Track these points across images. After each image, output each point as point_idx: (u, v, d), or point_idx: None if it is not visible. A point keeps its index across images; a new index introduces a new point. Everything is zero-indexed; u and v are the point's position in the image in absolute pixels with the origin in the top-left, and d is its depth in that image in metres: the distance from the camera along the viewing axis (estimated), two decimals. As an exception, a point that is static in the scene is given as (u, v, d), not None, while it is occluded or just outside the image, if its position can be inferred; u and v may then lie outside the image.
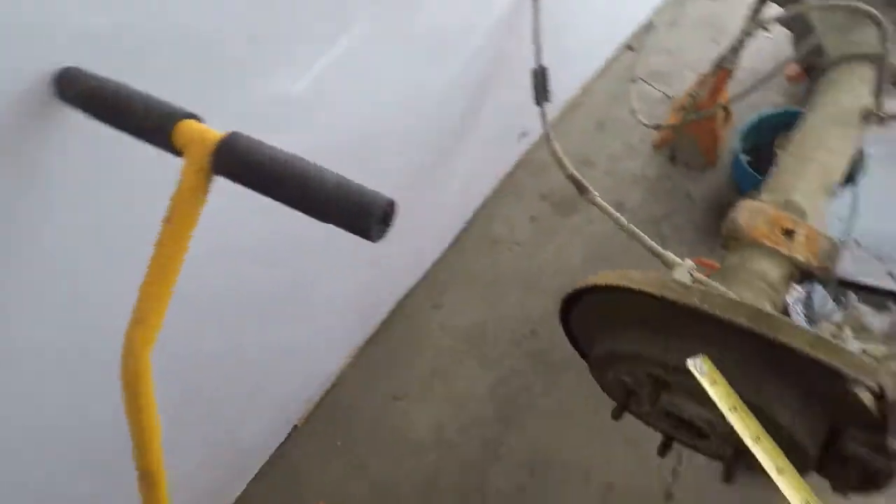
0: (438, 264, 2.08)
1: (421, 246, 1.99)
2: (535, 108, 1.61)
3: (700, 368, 0.89)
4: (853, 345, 1.37)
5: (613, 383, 1.15)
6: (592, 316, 1.13)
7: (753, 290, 1.06)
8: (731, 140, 2.21)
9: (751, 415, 0.85)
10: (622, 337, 1.04)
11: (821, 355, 0.82)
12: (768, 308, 1.03)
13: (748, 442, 0.82)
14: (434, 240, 2.04)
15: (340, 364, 1.88)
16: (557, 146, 1.39)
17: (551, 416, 1.79)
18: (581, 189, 1.28)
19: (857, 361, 0.83)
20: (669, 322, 0.97)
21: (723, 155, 2.25)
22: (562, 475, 1.70)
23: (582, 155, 2.31)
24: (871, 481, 0.92)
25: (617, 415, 1.13)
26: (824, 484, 1.03)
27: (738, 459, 1.03)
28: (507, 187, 2.24)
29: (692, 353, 0.94)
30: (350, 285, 1.67)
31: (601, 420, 1.75)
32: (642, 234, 1.18)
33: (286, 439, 1.76)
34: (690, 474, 1.67)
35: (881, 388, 0.84)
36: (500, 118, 1.91)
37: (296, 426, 1.79)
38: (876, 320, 1.77)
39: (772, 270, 1.12)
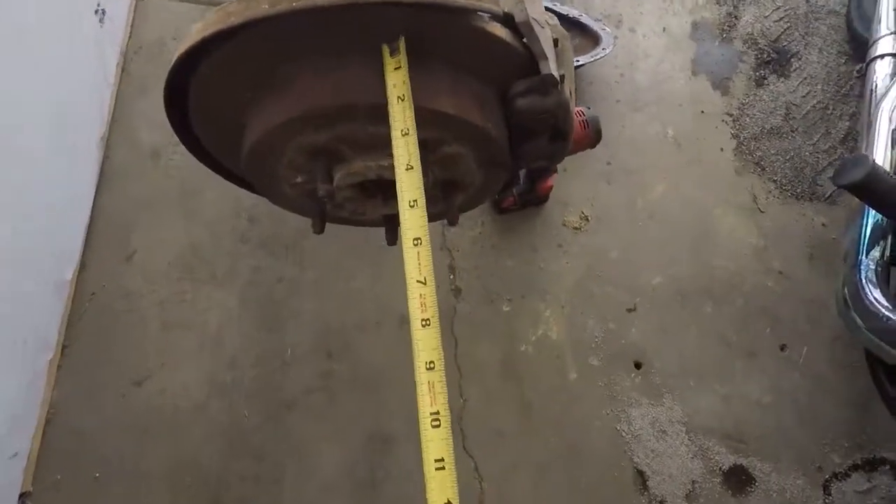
0: (101, 213, 1.61)
1: (61, 205, 1.48)
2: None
3: (393, 49, 0.71)
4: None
5: (294, 195, 0.92)
6: (211, 125, 0.86)
7: None
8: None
9: (411, 107, 0.68)
10: (252, 124, 0.79)
11: None
12: None
13: (394, 135, 0.66)
14: (74, 187, 1.55)
15: (40, 397, 1.40)
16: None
17: (318, 288, 1.57)
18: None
19: None
20: (280, 61, 0.74)
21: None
22: (358, 335, 1.52)
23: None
24: (558, 134, 0.84)
25: (318, 228, 0.91)
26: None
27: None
28: (129, 86, 1.76)
29: (327, 88, 0.72)
30: None
31: (368, 263, 1.58)
32: (218, -7, 0.90)
33: (18, 517, 1.30)
34: (464, 266, 1.61)
35: (507, 14, 0.71)
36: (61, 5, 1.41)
37: (25, 493, 1.32)
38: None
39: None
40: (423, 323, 0.59)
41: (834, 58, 1.83)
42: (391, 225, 1.01)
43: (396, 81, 0.69)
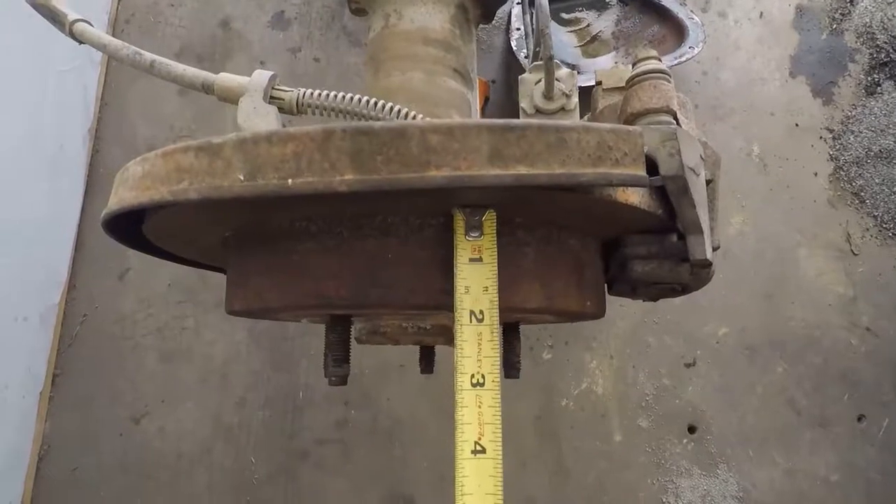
0: (90, 223, 1.41)
1: (44, 217, 1.29)
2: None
3: (472, 227, 0.46)
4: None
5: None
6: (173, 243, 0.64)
7: (416, 67, 0.61)
8: None
9: (495, 335, 0.45)
10: (236, 279, 0.58)
11: (530, 171, 0.39)
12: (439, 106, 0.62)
13: (459, 382, 0.45)
14: (58, 194, 1.35)
15: (31, 433, 1.27)
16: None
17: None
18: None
19: (589, 143, 0.41)
20: (269, 219, 0.52)
21: None
22: (378, 380, 1.35)
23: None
24: (678, 291, 0.61)
25: (338, 379, 0.69)
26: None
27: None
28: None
29: (347, 273, 0.49)
30: None
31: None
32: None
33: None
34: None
35: (650, 160, 0.45)
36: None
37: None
38: (601, 23, 1.47)
39: (432, 17, 0.67)
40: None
41: (969, 63, 1.49)
42: (426, 352, 0.80)
43: (472, 283, 0.45)
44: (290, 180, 0.39)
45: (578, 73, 1.23)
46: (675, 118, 0.51)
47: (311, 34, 1.54)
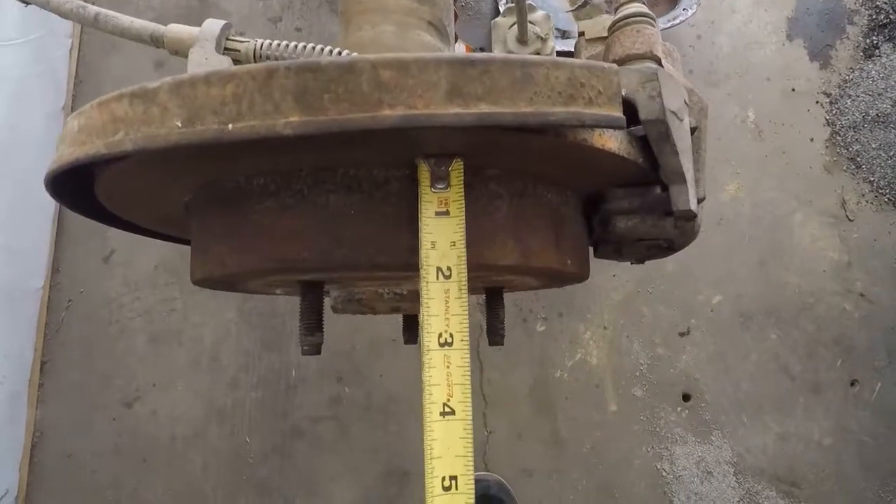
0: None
1: (21, 201, 1.25)
2: None
3: (438, 178, 0.43)
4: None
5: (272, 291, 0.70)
6: (126, 206, 0.60)
7: (388, 20, 0.58)
8: None
9: (463, 290, 0.43)
10: (199, 244, 0.55)
11: (488, 107, 0.35)
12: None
13: (426, 341, 0.43)
14: (32, 176, 1.30)
15: (24, 422, 1.26)
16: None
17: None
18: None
19: (559, 79, 0.38)
20: (225, 176, 0.49)
21: None
22: (370, 356, 1.34)
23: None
24: (664, 249, 0.59)
25: (311, 348, 0.67)
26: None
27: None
28: (93, 38, 1.45)
29: (310, 235, 0.46)
30: None
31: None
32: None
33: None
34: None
35: (628, 101, 0.41)
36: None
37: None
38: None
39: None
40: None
41: (969, 21, 1.46)
42: (409, 321, 0.78)
43: (438, 238, 0.43)
44: (230, 125, 0.36)
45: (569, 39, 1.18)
46: (660, 65, 0.48)
47: (292, 3, 1.49)
